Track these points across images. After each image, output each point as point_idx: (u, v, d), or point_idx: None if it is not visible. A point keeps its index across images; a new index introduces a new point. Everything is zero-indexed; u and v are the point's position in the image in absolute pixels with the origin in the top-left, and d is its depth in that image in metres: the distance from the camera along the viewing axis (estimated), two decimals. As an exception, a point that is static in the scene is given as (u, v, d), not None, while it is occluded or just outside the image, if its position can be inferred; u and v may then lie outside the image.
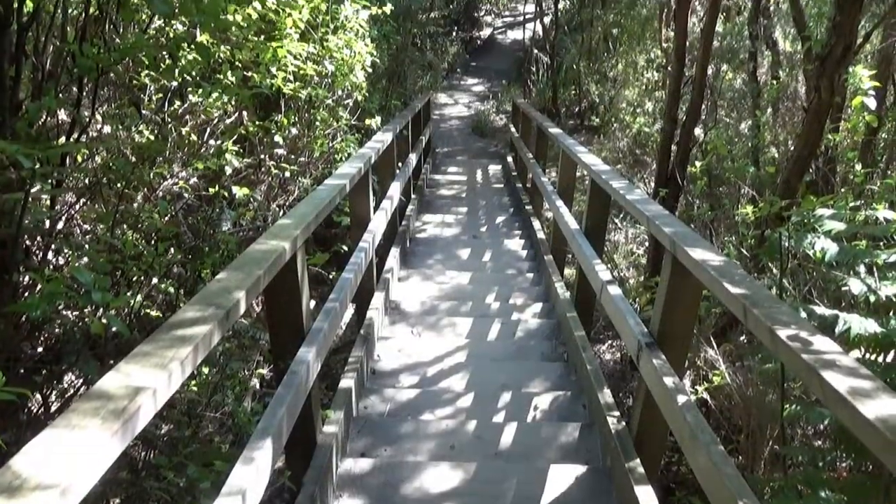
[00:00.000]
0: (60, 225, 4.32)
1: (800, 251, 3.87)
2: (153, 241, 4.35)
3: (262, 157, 6.66)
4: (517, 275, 7.69)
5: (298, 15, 6.28)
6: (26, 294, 3.69)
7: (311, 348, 3.38)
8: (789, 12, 8.93)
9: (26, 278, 3.72)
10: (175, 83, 5.37)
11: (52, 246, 4.03)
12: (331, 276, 7.20)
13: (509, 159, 13.70)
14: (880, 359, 3.04)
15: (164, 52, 4.68)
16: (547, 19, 18.88)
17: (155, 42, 5.13)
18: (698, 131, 8.89)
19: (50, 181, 3.65)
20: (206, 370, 4.33)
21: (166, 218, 4.63)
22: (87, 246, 3.95)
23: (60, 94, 4.17)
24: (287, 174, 6.60)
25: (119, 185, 4.07)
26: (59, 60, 4.08)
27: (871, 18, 8.49)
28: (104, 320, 2.99)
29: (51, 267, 4.08)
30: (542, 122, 9.46)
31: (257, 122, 6.48)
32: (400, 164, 8.45)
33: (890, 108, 7.94)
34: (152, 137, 5.07)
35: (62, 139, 4.10)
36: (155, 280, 4.27)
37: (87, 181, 4.30)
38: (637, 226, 9.32)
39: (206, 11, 3.56)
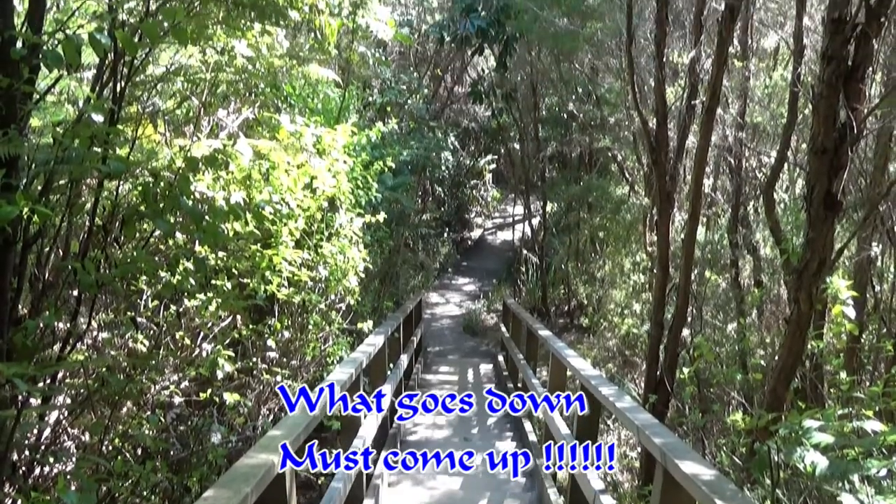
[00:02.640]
0: (47, 432, 4.28)
1: (791, 462, 3.85)
2: (140, 454, 4.30)
3: (255, 360, 6.70)
4: (509, 479, 7.53)
5: (294, 224, 6.53)
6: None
7: (296, 567, 3.29)
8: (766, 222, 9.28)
9: (10, 489, 3.66)
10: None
11: (39, 457, 3.98)
12: (319, 482, 7.05)
13: (500, 358, 13.69)
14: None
15: (163, 264, 4.83)
16: (535, 221, 19.50)
17: (154, 251, 5.30)
18: (686, 332, 9.00)
19: (40, 395, 3.67)
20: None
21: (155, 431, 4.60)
22: (73, 459, 3.91)
23: (59, 303, 4.27)
24: (279, 378, 6.61)
25: (111, 397, 4.09)
26: (60, 272, 4.20)
27: (845, 227, 8.81)
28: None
29: (36, 476, 4.01)
30: (532, 323, 9.58)
31: (251, 326, 6.57)
32: (391, 366, 8.47)
33: (871, 313, 8.09)
34: (147, 343, 5.13)
35: (58, 345, 4.15)
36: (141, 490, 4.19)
37: (77, 394, 4.31)
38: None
39: (205, 231, 3.73)
